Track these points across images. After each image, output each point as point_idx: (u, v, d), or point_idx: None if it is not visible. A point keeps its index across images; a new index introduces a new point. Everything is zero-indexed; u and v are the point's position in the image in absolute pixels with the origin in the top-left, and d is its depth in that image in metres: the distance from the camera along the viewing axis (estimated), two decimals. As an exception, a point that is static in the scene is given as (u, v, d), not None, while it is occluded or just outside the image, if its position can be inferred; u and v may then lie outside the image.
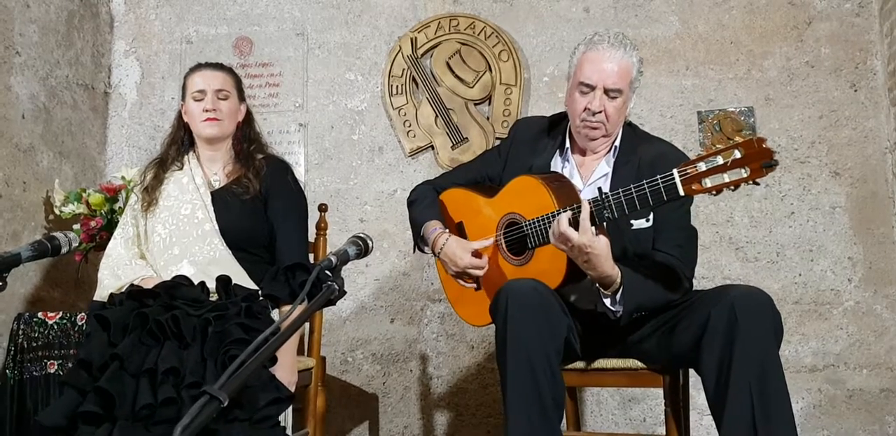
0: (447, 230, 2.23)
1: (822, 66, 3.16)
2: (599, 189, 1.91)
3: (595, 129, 2.09)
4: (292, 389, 2.07)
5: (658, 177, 1.79)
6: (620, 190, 1.86)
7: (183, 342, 1.89)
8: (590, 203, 1.88)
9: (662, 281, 2.00)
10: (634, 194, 1.83)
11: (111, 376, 1.82)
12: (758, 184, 1.68)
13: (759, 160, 1.63)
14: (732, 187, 1.68)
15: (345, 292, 1.58)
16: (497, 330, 1.94)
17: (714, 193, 1.71)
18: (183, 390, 1.80)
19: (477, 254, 2.17)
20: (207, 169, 2.43)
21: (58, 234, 1.88)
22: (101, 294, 2.28)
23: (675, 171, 1.75)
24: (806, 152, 3.13)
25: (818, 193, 3.10)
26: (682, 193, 1.75)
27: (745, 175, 1.65)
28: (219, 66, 2.48)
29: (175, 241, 2.30)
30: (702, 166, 1.70)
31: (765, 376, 1.79)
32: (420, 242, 2.32)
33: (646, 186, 1.81)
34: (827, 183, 3.10)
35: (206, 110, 2.36)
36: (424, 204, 2.33)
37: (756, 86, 3.19)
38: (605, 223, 1.92)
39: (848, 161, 3.10)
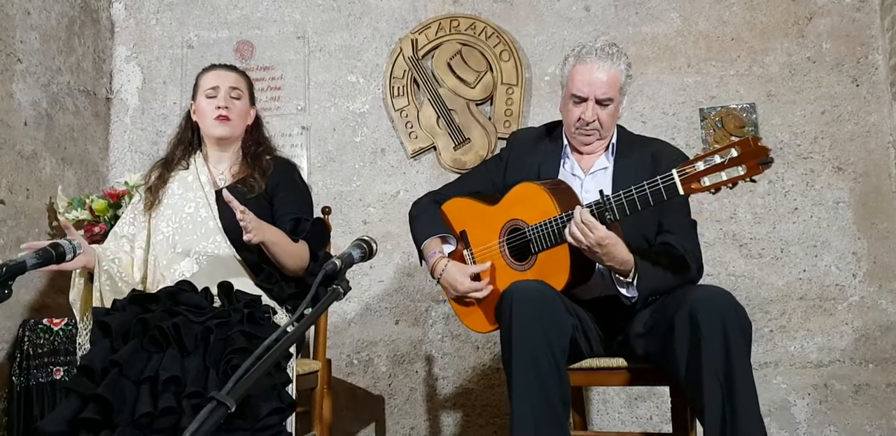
0: (446, 255, 2.27)
1: (824, 61, 3.16)
2: (601, 191, 1.94)
3: (589, 135, 2.20)
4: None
5: (658, 177, 1.83)
6: (622, 192, 1.89)
7: (185, 350, 1.87)
8: (592, 206, 1.93)
9: (672, 266, 2.05)
10: (635, 195, 1.87)
11: (110, 382, 1.80)
12: (755, 181, 1.71)
13: (756, 158, 1.67)
14: (730, 185, 1.72)
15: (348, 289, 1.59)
16: (502, 331, 1.96)
17: (713, 191, 1.75)
18: (184, 399, 1.78)
19: (476, 277, 2.20)
20: (214, 169, 2.42)
21: (62, 241, 1.87)
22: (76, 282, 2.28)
23: (674, 171, 1.79)
24: (809, 148, 3.12)
25: (821, 188, 3.10)
26: (681, 192, 1.79)
27: (742, 173, 1.69)
28: (233, 68, 2.49)
29: (178, 239, 2.29)
30: (700, 166, 1.75)
31: (732, 378, 1.80)
32: (422, 258, 2.35)
33: (646, 186, 1.85)
34: (830, 178, 3.10)
35: (219, 107, 2.35)
36: (425, 219, 2.34)
37: (758, 82, 3.19)
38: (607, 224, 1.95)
39: (851, 156, 3.10)
